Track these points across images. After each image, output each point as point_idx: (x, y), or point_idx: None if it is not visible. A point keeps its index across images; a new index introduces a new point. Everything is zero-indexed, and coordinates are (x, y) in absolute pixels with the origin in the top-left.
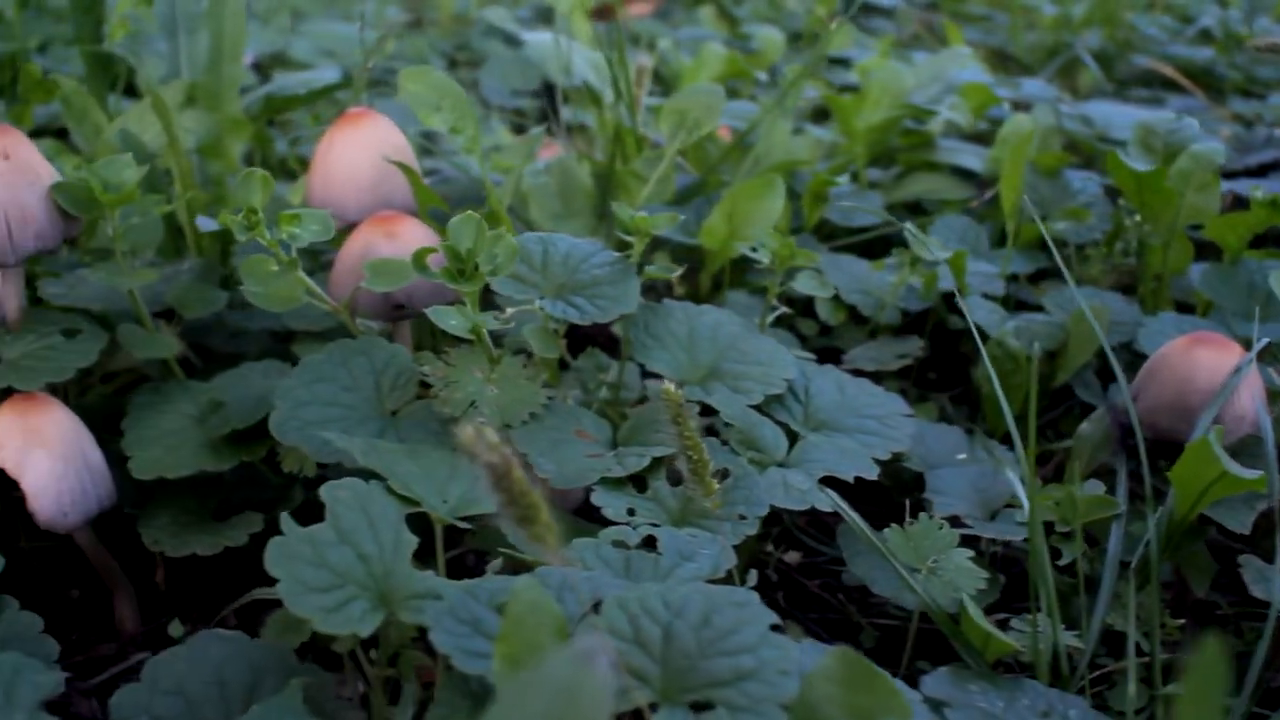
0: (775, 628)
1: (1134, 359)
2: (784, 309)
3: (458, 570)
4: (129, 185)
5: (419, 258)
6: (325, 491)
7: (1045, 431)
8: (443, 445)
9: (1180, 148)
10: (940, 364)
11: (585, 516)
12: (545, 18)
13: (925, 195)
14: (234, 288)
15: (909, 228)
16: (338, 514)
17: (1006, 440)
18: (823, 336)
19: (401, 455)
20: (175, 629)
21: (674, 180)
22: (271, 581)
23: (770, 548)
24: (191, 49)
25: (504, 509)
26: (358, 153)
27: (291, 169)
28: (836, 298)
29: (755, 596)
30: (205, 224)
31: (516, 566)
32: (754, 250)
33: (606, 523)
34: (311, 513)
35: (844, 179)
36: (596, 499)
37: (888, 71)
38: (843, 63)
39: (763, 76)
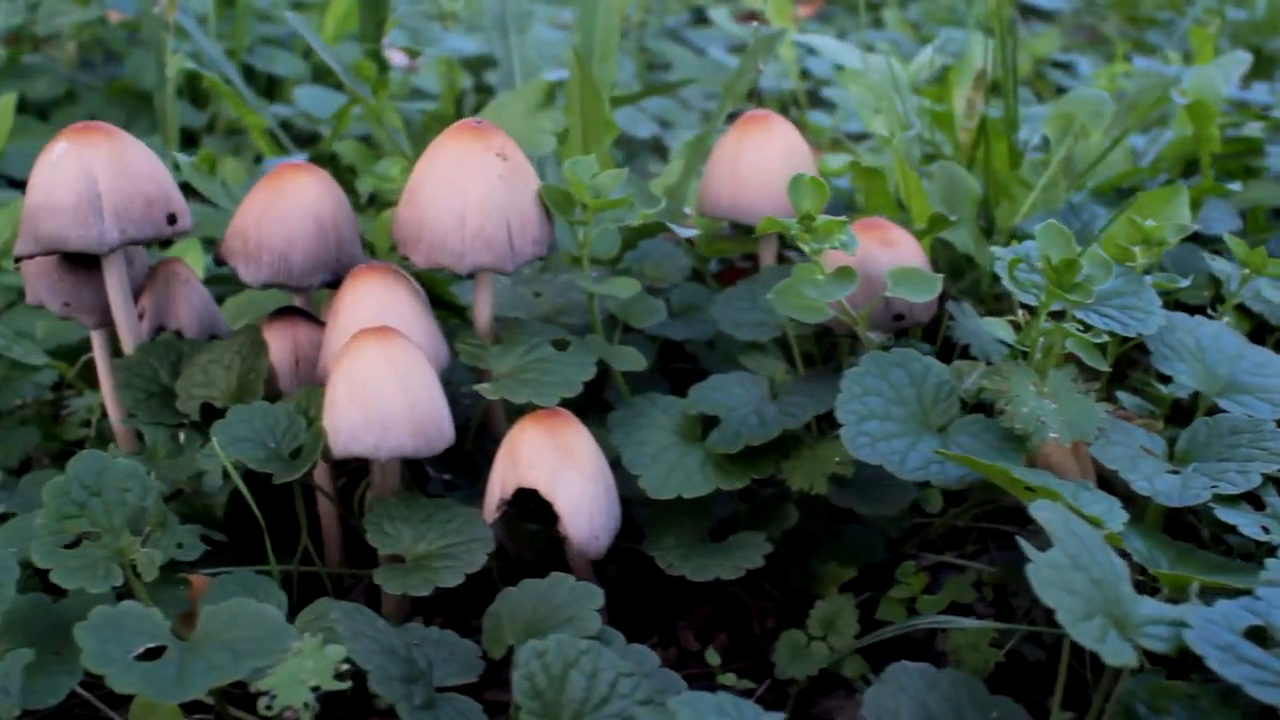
0: None
1: None
2: (1227, 319)
3: None
4: (607, 188)
5: (1013, 265)
6: (1034, 511)
7: None
8: (1012, 462)
9: None
10: None
11: None
12: (700, 19)
13: (1260, 202)
14: None
15: None
16: (1061, 537)
17: None
18: None
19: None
20: None
21: (1063, 187)
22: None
23: None
24: (523, 47)
25: None
26: (771, 155)
27: None
28: (1240, 307)
29: None
30: (683, 231)
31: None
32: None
33: None
34: None
35: (1236, 185)
36: (1224, 516)
37: (1203, 77)
38: (1063, 66)
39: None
